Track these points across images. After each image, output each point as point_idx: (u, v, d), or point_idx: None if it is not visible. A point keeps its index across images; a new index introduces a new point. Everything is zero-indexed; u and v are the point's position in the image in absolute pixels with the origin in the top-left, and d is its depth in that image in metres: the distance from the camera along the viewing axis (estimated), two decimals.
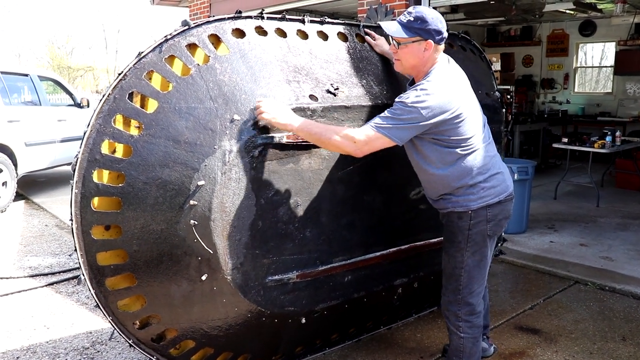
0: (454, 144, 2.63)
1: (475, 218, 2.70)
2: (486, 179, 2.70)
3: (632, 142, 8.08)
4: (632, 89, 11.46)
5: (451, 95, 2.57)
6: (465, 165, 2.66)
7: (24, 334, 3.80)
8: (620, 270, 4.97)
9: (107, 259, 2.63)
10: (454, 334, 2.91)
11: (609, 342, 3.66)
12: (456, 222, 2.74)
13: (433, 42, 2.59)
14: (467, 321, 2.85)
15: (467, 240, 2.73)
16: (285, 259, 2.83)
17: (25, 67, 10.77)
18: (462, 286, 2.80)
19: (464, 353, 2.90)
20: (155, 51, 2.61)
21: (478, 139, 2.69)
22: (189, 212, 2.52)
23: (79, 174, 2.50)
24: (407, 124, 2.52)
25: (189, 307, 2.71)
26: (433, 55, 2.64)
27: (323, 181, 2.90)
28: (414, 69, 2.71)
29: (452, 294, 2.85)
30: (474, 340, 2.89)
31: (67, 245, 5.83)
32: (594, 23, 11.63)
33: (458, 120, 2.59)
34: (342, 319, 3.30)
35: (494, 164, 2.76)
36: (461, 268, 2.78)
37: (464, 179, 2.67)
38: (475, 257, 2.78)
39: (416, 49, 2.62)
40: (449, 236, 2.83)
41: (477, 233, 2.73)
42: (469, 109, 2.65)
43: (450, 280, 2.85)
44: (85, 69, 33.40)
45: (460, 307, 2.84)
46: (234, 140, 2.56)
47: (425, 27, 2.57)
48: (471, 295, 2.82)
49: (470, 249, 2.75)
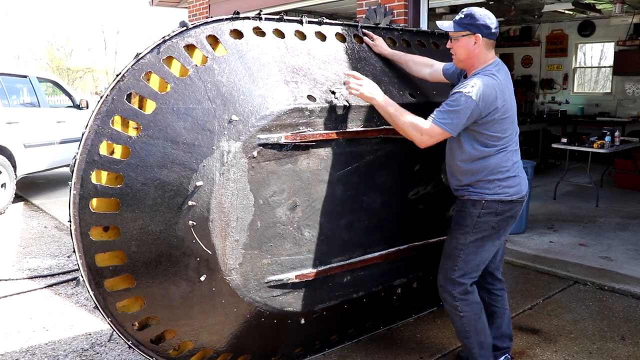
0: (490, 141, 2.86)
1: (486, 208, 2.92)
2: (504, 178, 2.91)
3: (631, 142, 8.08)
4: (631, 89, 11.46)
5: (500, 92, 2.81)
6: (491, 162, 2.89)
7: (23, 336, 3.80)
8: (620, 270, 4.97)
9: (105, 260, 2.63)
10: (454, 315, 3.04)
11: (608, 341, 3.66)
12: (469, 208, 2.96)
13: (481, 36, 2.83)
14: (462, 299, 3.00)
15: (474, 225, 2.94)
16: (284, 259, 2.83)
17: (25, 69, 10.77)
18: (457, 267, 2.98)
19: (470, 332, 3.03)
20: (153, 52, 2.61)
21: (510, 141, 2.93)
22: (187, 213, 2.52)
23: (78, 175, 2.50)
24: (462, 115, 2.74)
25: (188, 308, 2.70)
26: (484, 51, 2.87)
27: (322, 182, 2.90)
28: (467, 62, 2.92)
29: (446, 272, 3.03)
30: (476, 317, 3.03)
31: (66, 247, 5.83)
32: (593, 23, 11.64)
33: (502, 117, 2.83)
34: (341, 319, 3.30)
35: (515, 168, 2.96)
36: (461, 250, 2.98)
37: (486, 174, 2.90)
38: (476, 243, 2.96)
39: (466, 42, 2.86)
40: (458, 220, 3.03)
41: (485, 222, 2.93)
42: (511, 110, 2.89)
43: (447, 260, 3.04)
44: (85, 70, 33.43)
45: (454, 287, 3.00)
46: (232, 140, 2.55)
47: (473, 22, 2.84)
48: (463, 277, 2.99)
49: (475, 234, 2.95)
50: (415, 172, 3.32)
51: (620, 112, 11.47)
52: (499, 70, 2.88)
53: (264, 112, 2.63)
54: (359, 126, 2.98)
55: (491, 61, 2.90)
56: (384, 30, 3.54)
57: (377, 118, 3.05)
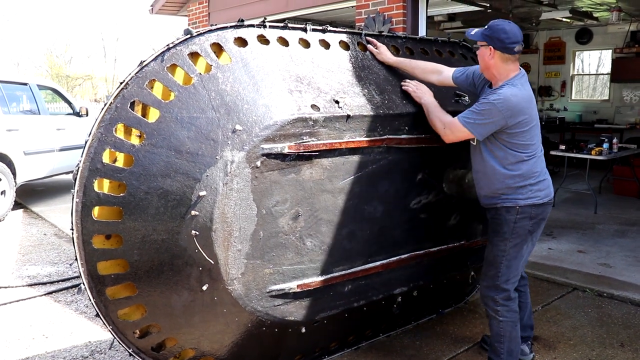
0: (520, 149, 2.99)
1: (521, 213, 3.03)
2: (535, 183, 3.05)
3: (629, 148, 8.11)
4: (629, 96, 11.51)
5: (525, 103, 2.94)
6: (524, 169, 3.01)
7: (22, 343, 3.79)
8: (619, 276, 4.98)
9: (107, 268, 2.63)
10: (493, 319, 3.16)
11: (607, 348, 3.66)
12: (504, 215, 3.06)
13: (494, 48, 2.93)
14: (504, 305, 3.12)
15: (511, 232, 3.05)
16: (286, 269, 2.83)
17: (24, 76, 10.76)
18: (501, 273, 3.10)
19: (505, 337, 3.14)
20: (157, 60, 2.62)
21: (537, 148, 3.06)
22: (190, 223, 2.52)
23: (80, 183, 2.50)
24: (487, 121, 2.90)
25: (190, 316, 2.70)
26: (501, 63, 2.96)
27: (324, 191, 2.90)
28: (488, 72, 3.04)
29: (491, 279, 3.14)
30: (513, 324, 3.14)
31: (66, 254, 5.82)
32: (590, 31, 11.70)
33: (527, 127, 2.95)
34: (341, 327, 3.30)
35: (544, 172, 3.11)
36: (502, 256, 3.09)
37: (519, 180, 3.01)
38: (516, 248, 3.08)
39: (483, 53, 2.99)
40: (495, 227, 3.14)
41: (521, 227, 3.05)
42: (535, 119, 3.01)
43: (490, 268, 3.16)
44: (84, 77, 33.41)
45: (497, 293, 3.12)
46: (235, 150, 2.56)
47: (490, 34, 2.94)
48: (507, 282, 3.11)
49: (513, 240, 3.06)
50: (417, 181, 3.33)
51: (618, 119, 11.52)
52: (523, 83, 3.00)
53: (267, 122, 2.64)
54: (362, 136, 2.99)
55: (515, 73, 2.99)
56: (387, 38, 3.55)
57: (380, 128, 3.06)
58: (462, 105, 3.52)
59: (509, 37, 2.92)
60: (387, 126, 3.10)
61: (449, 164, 3.50)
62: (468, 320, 4.10)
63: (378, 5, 6.72)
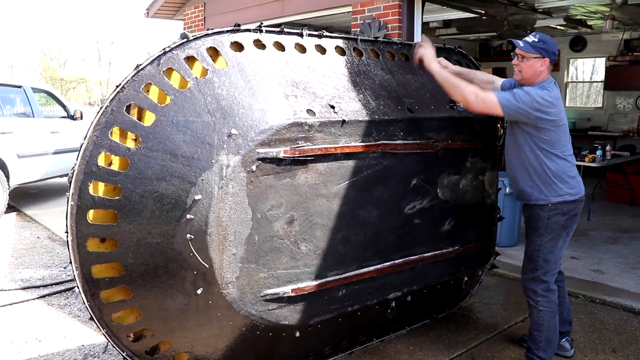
0: (555, 149, 3.21)
1: (553, 210, 3.26)
2: (567, 180, 3.26)
3: (622, 156, 8.16)
4: (622, 104, 11.58)
5: (557, 102, 3.17)
6: (558, 167, 3.23)
7: (15, 347, 3.77)
8: (611, 283, 5.01)
9: (102, 272, 2.63)
10: (533, 309, 3.38)
11: (599, 354, 3.68)
12: (538, 212, 3.30)
13: (549, 60, 3.23)
14: (544, 296, 3.34)
15: (546, 227, 3.28)
16: (280, 273, 2.84)
17: (18, 79, 10.74)
18: (539, 266, 3.32)
19: (543, 326, 3.35)
20: (153, 64, 2.63)
21: (569, 147, 3.29)
22: (185, 226, 2.53)
23: (75, 186, 2.50)
24: (520, 103, 3.08)
25: (184, 320, 2.70)
26: (546, 72, 3.26)
27: (319, 196, 2.91)
28: (529, 80, 3.26)
29: (531, 272, 3.37)
30: (552, 314, 3.35)
31: (59, 258, 5.80)
32: (584, 39, 11.78)
33: (557, 125, 3.17)
34: (335, 332, 3.30)
35: (575, 171, 3.34)
36: (539, 250, 3.32)
37: (554, 177, 3.23)
38: (551, 242, 3.31)
39: (535, 63, 3.22)
40: (530, 224, 3.38)
41: (554, 223, 3.27)
42: (565, 119, 3.25)
43: (529, 262, 3.39)
44: (78, 80, 33.34)
45: (537, 284, 3.34)
46: (231, 154, 2.57)
47: (546, 48, 3.21)
48: (546, 274, 3.33)
49: (548, 235, 3.29)
50: (412, 187, 3.34)
51: (612, 126, 11.59)
52: (554, 86, 3.24)
53: (263, 126, 2.65)
54: (357, 141, 3.00)
55: (547, 77, 3.27)
56: (384, 44, 3.57)
57: (375, 133, 3.08)
58: (457, 111, 3.55)
59: (556, 49, 3.28)
60: (382, 131, 3.12)
61: (443, 169, 3.51)
62: (462, 325, 4.11)
63: (374, 11, 6.75)
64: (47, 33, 45.76)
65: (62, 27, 46.26)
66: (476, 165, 3.74)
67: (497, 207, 4.07)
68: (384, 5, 6.62)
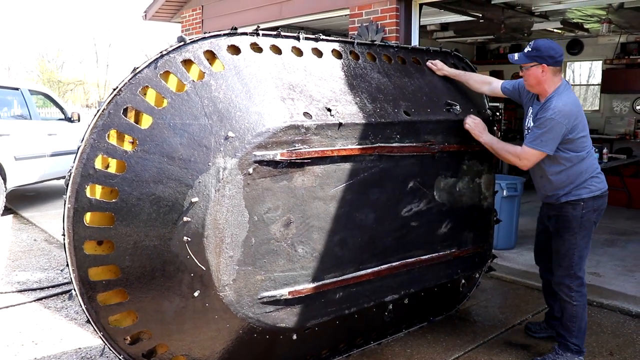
0: (580, 148, 3.34)
1: (585, 208, 3.39)
2: (594, 177, 3.42)
3: (619, 159, 8.18)
4: (619, 107, 11.60)
5: (576, 107, 3.30)
6: (585, 165, 3.38)
7: (11, 350, 3.76)
8: (608, 285, 5.02)
9: (99, 275, 2.63)
10: (567, 304, 3.49)
11: (596, 357, 3.69)
12: (570, 212, 3.42)
13: (547, 65, 3.28)
14: (578, 291, 3.46)
15: (580, 226, 3.41)
16: (277, 275, 2.84)
17: (15, 81, 10.72)
18: (574, 263, 3.44)
19: (577, 318, 3.48)
20: (150, 67, 2.63)
21: (590, 145, 3.44)
22: (182, 229, 2.53)
23: (72, 189, 2.50)
24: (553, 135, 3.24)
25: (181, 323, 2.70)
26: (552, 77, 3.33)
27: (316, 198, 2.92)
28: (538, 87, 3.38)
29: (566, 270, 3.48)
30: (584, 306, 3.50)
31: (56, 260, 5.79)
32: (581, 42, 11.80)
33: (580, 127, 3.31)
34: (332, 334, 3.30)
35: (597, 166, 3.48)
36: (574, 249, 3.43)
37: (582, 175, 3.38)
38: (585, 239, 3.44)
39: (535, 71, 3.33)
40: (562, 223, 3.47)
41: (587, 220, 3.41)
42: (585, 119, 3.37)
43: (564, 259, 3.47)
44: (76, 83, 33.30)
45: (572, 280, 3.46)
46: (228, 157, 2.57)
47: (540, 54, 3.28)
48: (580, 270, 3.47)
49: (581, 233, 3.42)
50: (409, 189, 3.35)
51: (608, 129, 11.60)
52: (568, 90, 3.35)
53: (260, 129, 2.65)
54: (353, 144, 3.01)
55: (560, 83, 3.35)
56: (380, 47, 3.58)
57: (372, 136, 3.08)
58: (453, 114, 3.56)
59: (557, 51, 3.31)
60: (379, 134, 3.12)
61: (440, 172, 3.52)
62: (459, 328, 4.12)
63: (371, 14, 6.76)
64: (45, 35, 45.78)
65: (59, 29, 46.33)
66: (473, 168, 3.75)
67: (494, 209, 4.07)
68: (381, 9, 6.63)
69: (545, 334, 3.95)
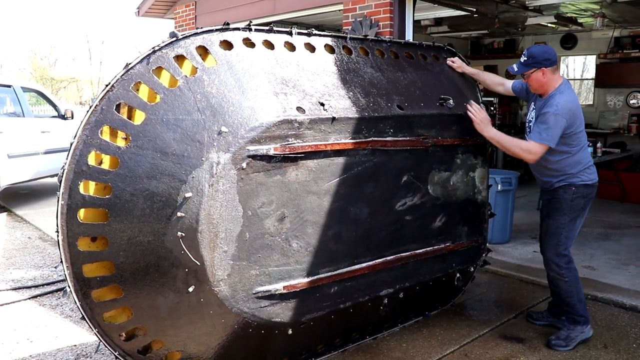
0: (576, 142, 3.62)
1: (576, 193, 3.70)
2: (586, 168, 3.71)
3: (613, 153, 8.20)
4: (613, 101, 11.64)
5: (576, 105, 3.58)
6: (579, 157, 3.67)
7: (6, 348, 3.75)
8: (602, 279, 5.04)
9: (93, 271, 2.62)
10: (560, 281, 3.79)
11: (591, 349, 3.71)
12: (562, 194, 3.72)
13: (545, 67, 3.55)
14: (567, 268, 3.76)
15: (569, 208, 3.72)
16: (272, 270, 2.84)
17: (8, 78, 10.69)
18: (561, 242, 3.74)
19: (573, 291, 3.76)
20: (142, 62, 2.62)
21: (585, 139, 3.72)
22: (176, 224, 2.52)
23: (66, 185, 2.50)
24: (556, 128, 3.48)
25: (176, 318, 2.70)
26: (552, 76, 3.61)
27: (310, 193, 2.92)
28: (540, 89, 3.66)
29: (554, 248, 3.77)
30: (576, 280, 3.79)
31: (51, 258, 5.78)
32: (575, 36, 11.82)
33: (578, 123, 3.59)
34: (328, 329, 3.31)
35: (590, 159, 3.77)
36: (562, 228, 3.73)
37: (576, 166, 3.66)
38: (572, 221, 3.74)
39: (536, 76, 3.61)
40: (554, 205, 3.78)
41: (576, 205, 3.72)
42: (582, 116, 3.66)
43: (552, 238, 3.78)
44: (69, 80, 33.10)
45: (560, 258, 3.75)
46: (221, 152, 2.57)
47: (536, 60, 3.56)
48: (566, 250, 3.76)
49: (570, 214, 3.72)
50: (403, 183, 3.35)
51: (602, 123, 11.64)
52: (569, 88, 3.61)
53: (253, 124, 2.65)
54: (347, 138, 3.01)
55: (560, 81, 3.63)
56: (373, 42, 3.58)
57: (365, 130, 3.09)
58: (446, 108, 3.57)
59: (550, 53, 3.60)
60: (372, 128, 3.12)
61: (434, 166, 3.53)
62: (454, 322, 4.13)
63: (365, 9, 6.75)
64: (37, 32, 45.46)
65: (52, 26, 46.03)
66: (466, 162, 3.76)
67: (488, 203, 4.08)
68: (375, 3, 6.63)
69: (545, 321, 4.07)
